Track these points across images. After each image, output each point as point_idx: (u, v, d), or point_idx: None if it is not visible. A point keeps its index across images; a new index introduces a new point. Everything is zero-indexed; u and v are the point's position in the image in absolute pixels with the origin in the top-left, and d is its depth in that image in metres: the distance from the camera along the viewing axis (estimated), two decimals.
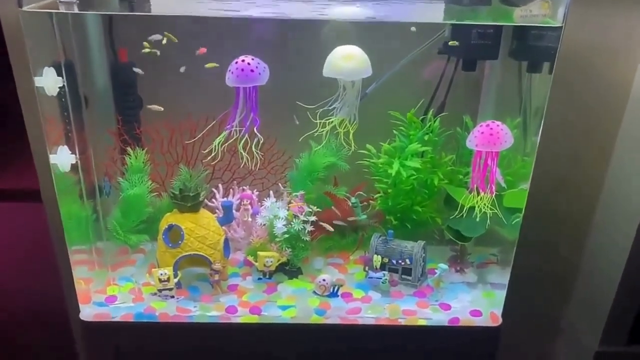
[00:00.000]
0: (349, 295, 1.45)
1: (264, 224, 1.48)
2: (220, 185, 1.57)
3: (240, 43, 1.35)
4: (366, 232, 1.55)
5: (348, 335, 1.38)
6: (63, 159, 1.27)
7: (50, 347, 1.35)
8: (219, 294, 1.44)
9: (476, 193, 1.30)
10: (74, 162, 1.29)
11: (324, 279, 1.43)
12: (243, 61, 1.21)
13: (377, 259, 1.45)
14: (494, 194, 1.30)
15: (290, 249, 1.47)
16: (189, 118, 1.47)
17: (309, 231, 1.45)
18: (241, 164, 1.30)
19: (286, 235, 1.45)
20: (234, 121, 1.26)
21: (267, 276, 1.48)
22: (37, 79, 1.19)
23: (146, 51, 1.28)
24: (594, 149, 1.63)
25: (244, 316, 1.39)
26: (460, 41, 1.34)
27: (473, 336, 1.39)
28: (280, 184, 1.57)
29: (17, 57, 1.52)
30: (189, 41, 1.28)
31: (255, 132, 1.26)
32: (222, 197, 1.56)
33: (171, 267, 1.38)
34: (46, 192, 1.65)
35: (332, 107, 1.28)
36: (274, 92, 1.26)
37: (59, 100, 1.24)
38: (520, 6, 1.21)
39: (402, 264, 1.46)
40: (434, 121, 1.45)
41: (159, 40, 1.27)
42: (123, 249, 1.53)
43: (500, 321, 1.42)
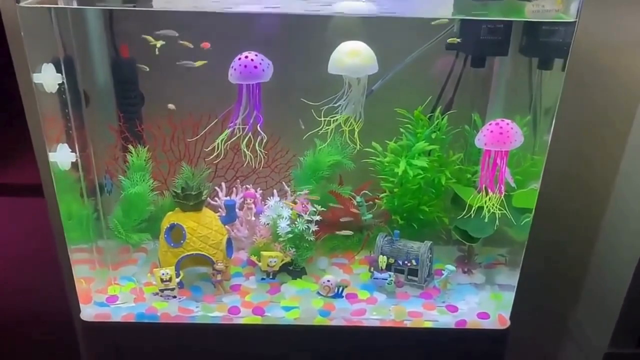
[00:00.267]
0: (353, 296, 1.43)
1: (268, 224, 1.46)
2: (223, 184, 1.55)
3: (244, 39, 1.32)
4: (372, 232, 1.53)
5: (352, 337, 1.36)
6: (63, 156, 1.25)
7: (53, 347, 1.34)
8: (221, 294, 1.42)
9: (485, 193, 1.28)
10: (74, 160, 1.27)
11: (329, 280, 1.41)
12: (246, 57, 1.19)
13: (383, 260, 1.43)
14: (503, 194, 1.27)
15: (294, 249, 1.44)
16: (191, 115, 1.45)
17: (313, 231, 1.43)
18: (244, 163, 1.28)
19: (290, 235, 1.42)
20: (237, 119, 1.24)
21: (271, 276, 1.46)
22: (36, 75, 1.17)
23: (155, 44, 1.27)
24: (604, 147, 1.61)
25: (246, 317, 1.37)
26: (469, 37, 1.31)
27: (480, 339, 1.37)
28: (284, 183, 1.54)
29: (18, 51, 1.50)
30: (192, 37, 1.26)
31: (258, 130, 1.24)
32: (225, 196, 1.54)
33: (173, 267, 1.37)
34: (48, 188, 1.64)
35: (337, 104, 1.25)
36: (278, 89, 1.24)
37: (58, 97, 1.22)
38: (531, 1, 1.18)
39: (408, 264, 1.43)
40: (442, 119, 1.43)
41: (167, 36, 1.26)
42: (125, 247, 1.51)
43: (508, 324, 1.39)
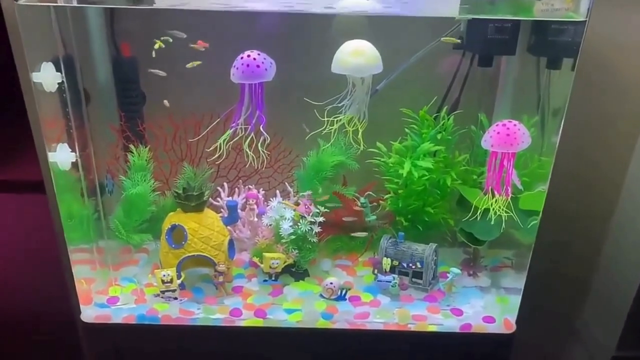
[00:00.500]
0: (357, 299, 1.41)
1: (270, 225, 1.44)
2: (225, 184, 1.53)
3: (246, 37, 1.30)
4: (376, 233, 1.50)
5: (356, 340, 1.34)
6: (63, 156, 1.24)
7: (55, 347, 1.33)
8: (223, 296, 1.40)
9: (491, 195, 1.25)
10: (74, 160, 1.25)
11: (332, 282, 1.39)
12: (248, 56, 1.17)
13: (387, 262, 1.41)
14: (510, 196, 1.24)
15: (296, 250, 1.42)
16: (193, 114, 1.43)
17: (316, 232, 1.41)
18: (247, 163, 1.26)
19: (293, 237, 1.40)
20: (239, 119, 1.22)
21: (273, 278, 1.45)
22: (35, 74, 1.15)
23: (159, 45, 1.27)
24: (613, 148, 1.59)
25: (248, 319, 1.36)
26: (476, 36, 1.28)
27: (485, 343, 1.35)
28: (287, 183, 1.52)
29: (20, 48, 1.48)
30: (194, 36, 1.25)
31: (261, 130, 1.22)
32: (228, 196, 1.52)
33: (174, 268, 1.35)
34: (49, 185, 1.62)
35: (340, 104, 1.23)
36: (280, 89, 1.22)
37: (58, 97, 1.20)
38: None
39: (413, 267, 1.41)
40: (448, 119, 1.40)
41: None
42: (126, 248, 1.50)
43: (514, 328, 1.37)
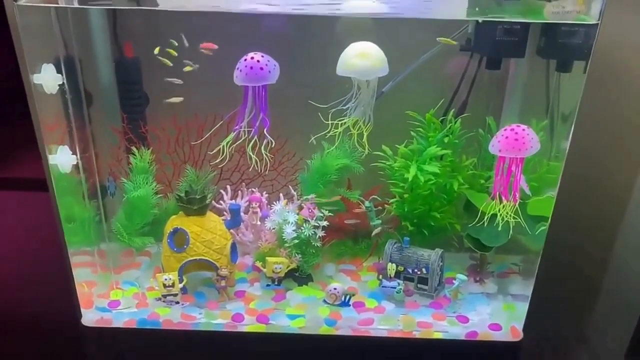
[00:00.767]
0: (361, 305, 1.39)
1: (273, 228, 1.42)
2: (228, 187, 1.51)
3: (250, 39, 1.28)
4: (380, 238, 1.48)
5: (359, 347, 1.32)
6: (63, 159, 1.22)
7: (57, 349, 1.32)
8: (225, 301, 1.39)
9: (498, 200, 1.22)
10: (74, 162, 1.24)
11: (335, 288, 1.37)
12: (252, 58, 1.15)
13: (392, 268, 1.38)
14: (518, 201, 1.21)
15: (300, 255, 1.40)
16: (197, 116, 1.41)
17: (320, 236, 1.39)
18: (250, 166, 1.24)
19: (296, 241, 1.38)
20: (243, 122, 1.20)
21: (276, 282, 1.42)
22: (36, 76, 1.14)
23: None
24: (624, 152, 1.56)
25: (250, 325, 1.34)
26: (484, 38, 1.26)
27: (492, 352, 1.32)
28: (290, 186, 1.50)
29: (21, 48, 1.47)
30: (197, 37, 1.23)
31: (265, 133, 1.20)
32: (231, 199, 1.50)
33: (176, 272, 1.33)
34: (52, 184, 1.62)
35: (345, 107, 1.21)
36: (284, 91, 1.20)
37: (58, 99, 1.19)
38: (550, 0, 1.13)
39: (418, 272, 1.39)
40: (455, 122, 1.37)
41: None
42: (127, 251, 1.49)
43: (521, 336, 1.34)
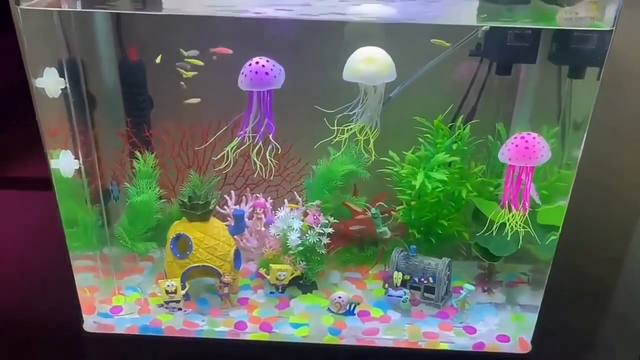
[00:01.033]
0: (366, 314, 1.36)
1: (277, 235, 1.40)
2: (232, 192, 1.49)
3: (255, 43, 1.26)
4: (387, 245, 1.46)
5: (364, 358, 1.30)
6: (65, 164, 1.21)
7: (55, 355, 1.30)
8: (228, 308, 1.37)
9: (508, 209, 1.19)
10: (77, 167, 1.22)
11: (340, 296, 1.34)
12: (257, 63, 1.13)
13: (398, 276, 1.36)
14: (528, 210, 1.18)
15: (304, 262, 1.38)
16: (201, 121, 1.40)
17: (325, 243, 1.36)
18: (255, 172, 1.22)
19: (300, 248, 1.36)
20: (247, 127, 1.18)
21: (280, 290, 1.40)
22: (38, 80, 1.12)
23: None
24: (636, 160, 1.52)
25: (253, 333, 1.32)
26: (494, 43, 1.23)
27: None
28: (295, 192, 1.48)
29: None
30: (202, 41, 1.22)
31: (270, 139, 1.18)
32: (235, 205, 1.49)
33: (179, 279, 1.32)
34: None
35: (352, 112, 1.19)
36: (290, 96, 1.18)
37: (61, 103, 1.17)
38: (563, 5, 1.10)
39: (425, 282, 1.36)
40: (464, 129, 1.35)
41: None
42: (130, 256, 1.47)
43: (529, 348, 1.31)
